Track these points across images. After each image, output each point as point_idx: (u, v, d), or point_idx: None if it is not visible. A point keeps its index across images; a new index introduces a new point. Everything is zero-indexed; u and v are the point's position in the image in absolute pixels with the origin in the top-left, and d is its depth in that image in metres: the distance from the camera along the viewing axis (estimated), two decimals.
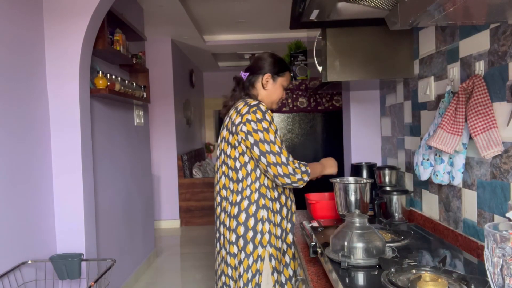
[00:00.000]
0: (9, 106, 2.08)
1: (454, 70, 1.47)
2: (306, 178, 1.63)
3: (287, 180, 1.61)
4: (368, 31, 1.87)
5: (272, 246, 1.66)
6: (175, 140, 5.92)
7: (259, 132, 1.60)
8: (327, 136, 3.10)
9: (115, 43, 3.06)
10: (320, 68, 1.93)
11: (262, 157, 1.60)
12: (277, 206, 1.71)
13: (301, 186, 1.65)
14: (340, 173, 2.77)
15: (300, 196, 3.06)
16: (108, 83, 2.82)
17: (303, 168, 1.63)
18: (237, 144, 1.66)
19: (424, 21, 1.00)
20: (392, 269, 1.01)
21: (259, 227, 1.66)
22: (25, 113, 2.21)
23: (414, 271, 1.02)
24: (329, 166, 1.82)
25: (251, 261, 1.64)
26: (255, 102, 1.67)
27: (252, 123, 1.61)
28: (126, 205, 3.57)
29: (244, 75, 1.84)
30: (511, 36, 1.16)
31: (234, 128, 1.66)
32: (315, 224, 1.71)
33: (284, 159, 1.60)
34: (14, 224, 2.08)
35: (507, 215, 1.17)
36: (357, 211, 1.24)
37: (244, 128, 1.62)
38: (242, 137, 1.63)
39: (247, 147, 1.64)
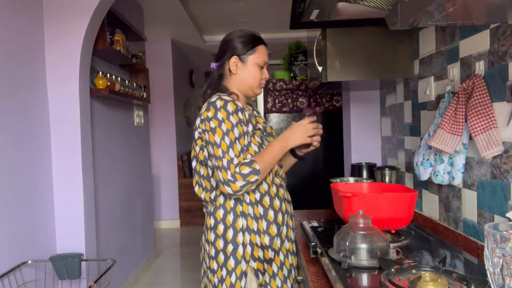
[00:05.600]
0: (9, 106, 2.08)
1: (454, 70, 1.47)
2: (253, 179, 1.33)
3: (228, 190, 1.33)
4: (368, 31, 1.87)
5: (256, 260, 1.42)
6: (175, 140, 5.92)
7: (206, 133, 1.39)
8: (327, 136, 3.10)
9: (115, 43, 3.06)
10: (320, 68, 1.93)
11: (208, 161, 1.43)
12: (260, 210, 1.43)
13: (253, 187, 1.36)
14: (340, 173, 2.77)
15: (299, 196, 3.07)
16: (108, 83, 2.83)
17: (245, 171, 1.32)
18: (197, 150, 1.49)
19: (424, 21, 1.00)
20: (392, 270, 1.01)
21: (240, 238, 1.41)
22: (25, 113, 2.21)
23: (414, 271, 1.02)
24: (294, 136, 1.46)
25: (233, 279, 1.40)
26: (213, 99, 1.41)
27: (202, 122, 1.41)
28: (126, 205, 3.57)
29: (214, 65, 1.56)
30: (511, 36, 1.16)
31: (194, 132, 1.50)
32: (315, 224, 1.71)
33: (225, 163, 1.32)
34: (14, 224, 2.08)
35: (507, 215, 1.17)
36: (360, 212, 1.24)
37: (196, 133, 1.45)
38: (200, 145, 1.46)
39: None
